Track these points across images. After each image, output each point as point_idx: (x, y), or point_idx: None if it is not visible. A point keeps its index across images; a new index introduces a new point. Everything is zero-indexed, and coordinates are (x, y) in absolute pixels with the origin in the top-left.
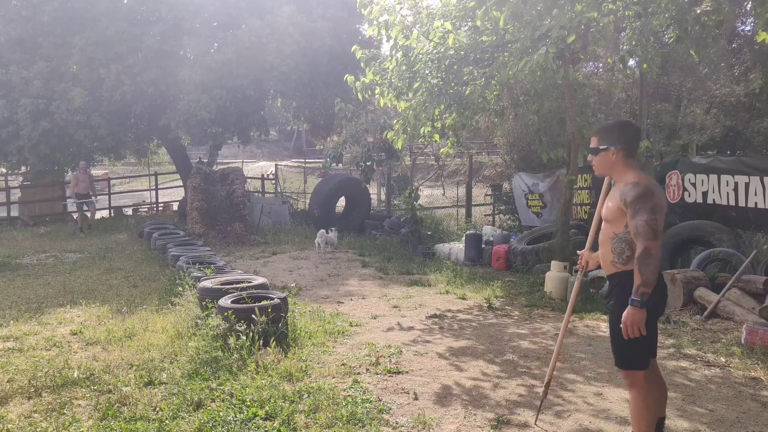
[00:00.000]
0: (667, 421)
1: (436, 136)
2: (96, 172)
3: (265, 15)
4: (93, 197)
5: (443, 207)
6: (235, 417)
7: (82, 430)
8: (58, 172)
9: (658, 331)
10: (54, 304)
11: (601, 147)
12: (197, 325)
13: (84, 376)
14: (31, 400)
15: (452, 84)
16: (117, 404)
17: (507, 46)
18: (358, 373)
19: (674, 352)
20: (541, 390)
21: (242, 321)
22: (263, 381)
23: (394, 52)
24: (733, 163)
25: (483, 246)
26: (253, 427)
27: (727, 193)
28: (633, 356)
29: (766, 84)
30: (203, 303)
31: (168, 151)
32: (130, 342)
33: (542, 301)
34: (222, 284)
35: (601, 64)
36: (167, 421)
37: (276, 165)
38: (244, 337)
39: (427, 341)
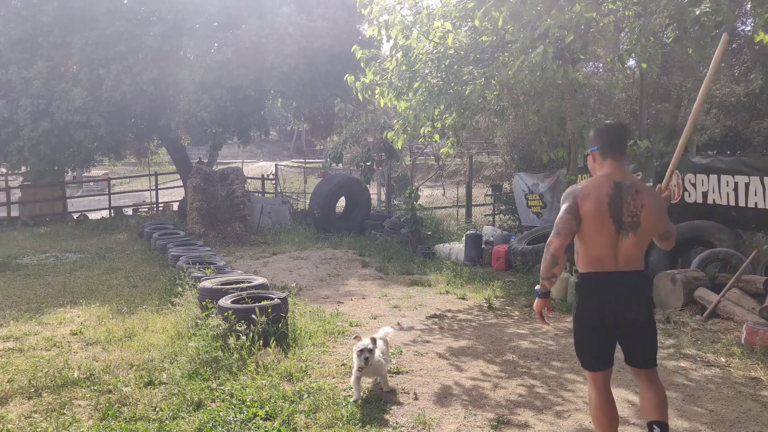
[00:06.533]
0: None
1: (436, 136)
2: (96, 171)
3: (265, 15)
4: None
5: (443, 207)
6: (235, 417)
7: (82, 430)
8: (58, 172)
9: (657, 332)
10: (54, 304)
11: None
12: (197, 325)
13: (84, 376)
14: (31, 400)
15: (452, 84)
16: (117, 404)
17: (507, 46)
18: None
19: (674, 352)
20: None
21: (242, 321)
22: (263, 381)
23: (394, 52)
24: (733, 163)
25: (483, 246)
26: (253, 427)
27: (727, 193)
28: (578, 355)
29: (766, 84)
30: (203, 303)
31: (168, 151)
32: (130, 342)
33: None
34: (222, 284)
35: (601, 64)
36: (167, 421)
37: (276, 165)
38: (244, 337)
39: (427, 341)
